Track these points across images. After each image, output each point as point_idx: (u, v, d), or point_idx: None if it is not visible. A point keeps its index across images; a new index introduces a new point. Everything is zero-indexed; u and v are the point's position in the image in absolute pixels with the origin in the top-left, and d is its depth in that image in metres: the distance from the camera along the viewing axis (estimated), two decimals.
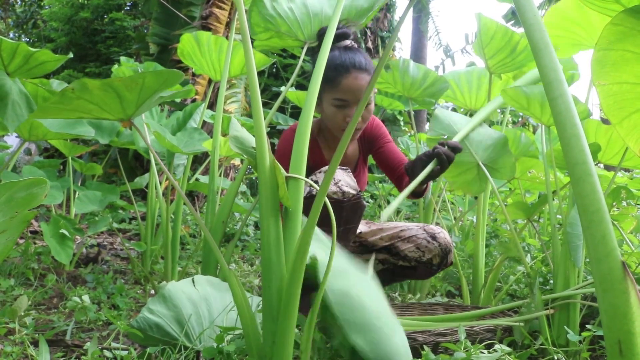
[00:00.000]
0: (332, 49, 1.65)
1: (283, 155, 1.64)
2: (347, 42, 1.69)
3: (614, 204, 1.85)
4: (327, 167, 1.72)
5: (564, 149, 0.67)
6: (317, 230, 1.27)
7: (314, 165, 1.73)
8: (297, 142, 1.04)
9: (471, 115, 2.35)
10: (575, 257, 1.42)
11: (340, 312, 0.92)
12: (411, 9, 1.17)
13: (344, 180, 1.70)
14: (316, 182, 1.66)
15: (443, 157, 1.50)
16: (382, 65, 0.85)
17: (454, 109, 4.96)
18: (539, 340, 1.35)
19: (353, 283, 1.03)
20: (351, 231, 1.76)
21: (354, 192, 1.71)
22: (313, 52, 1.75)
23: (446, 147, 1.52)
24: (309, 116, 1.06)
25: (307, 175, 1.34)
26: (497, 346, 1.16)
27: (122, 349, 1.18)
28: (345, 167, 1.79)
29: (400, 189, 1.86)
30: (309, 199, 1.64)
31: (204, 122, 3.43)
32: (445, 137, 1.74)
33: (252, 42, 1.70)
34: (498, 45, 1.89)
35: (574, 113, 0.65)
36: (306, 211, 0.96)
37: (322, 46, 1.13)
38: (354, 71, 1.60)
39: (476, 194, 1.88)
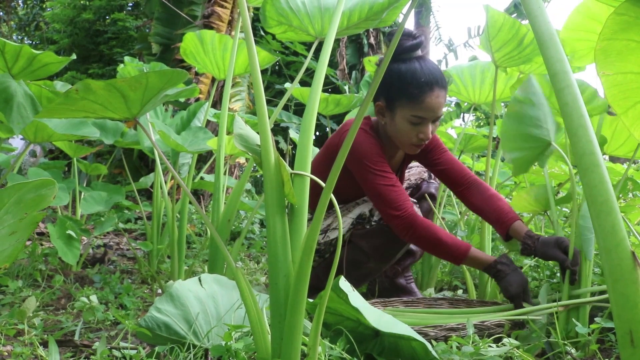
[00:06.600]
0: (407, 60, 1.59)
1: (374, 153, 1.61)
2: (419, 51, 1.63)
3: (620, 195, 1.83)
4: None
5: (572, 140, 0.67)
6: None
7: None
8: (301, 139, 1.04)
9: (475, 109, 2.33)
10: (587, 250, 1.40)
11: None
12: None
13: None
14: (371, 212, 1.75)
15: (569, 269, 1.42)
16: (387, 63, 0.85)
17: (457, 104, 4.93)
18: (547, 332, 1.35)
19: None
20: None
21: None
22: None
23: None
24: (313, 113, 1.06)
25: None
26: (505, 340, 1.16)
27: (131, 348, 1.19)
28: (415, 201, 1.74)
29: (468, 204, 1.78)
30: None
31: (208, 121, 3.43)
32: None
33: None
34: (505, 38, 1.86)
35: (581, 104, 0.65)
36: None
37: (325, 42, 1.13)
38: (436, 89, 1.55)
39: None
